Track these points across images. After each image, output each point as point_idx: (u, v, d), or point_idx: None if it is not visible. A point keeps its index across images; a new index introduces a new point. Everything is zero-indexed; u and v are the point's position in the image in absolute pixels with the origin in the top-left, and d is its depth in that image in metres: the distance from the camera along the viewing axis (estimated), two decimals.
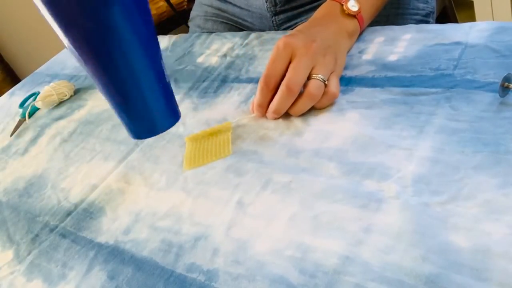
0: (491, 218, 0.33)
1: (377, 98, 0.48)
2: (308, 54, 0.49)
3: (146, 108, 0.39)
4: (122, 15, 0.34)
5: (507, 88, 0.41)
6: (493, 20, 1.05)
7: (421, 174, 0.39)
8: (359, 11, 0.55)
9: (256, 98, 0.51)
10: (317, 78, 0.48)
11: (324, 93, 0.49)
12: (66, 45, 0.35)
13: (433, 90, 0.46)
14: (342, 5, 0.55)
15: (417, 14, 0.73)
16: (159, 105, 0.40)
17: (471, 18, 1.40)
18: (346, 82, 0.52)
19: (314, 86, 0.48)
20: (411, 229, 0.35)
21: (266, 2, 0.75)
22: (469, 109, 0.43)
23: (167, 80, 0.40)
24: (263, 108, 0.51)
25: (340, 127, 0.47)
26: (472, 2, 1.35)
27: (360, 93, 0.50)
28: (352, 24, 0.55)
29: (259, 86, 0.50)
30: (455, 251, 0.32)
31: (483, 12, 1.33)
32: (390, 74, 0.51)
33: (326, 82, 0.49)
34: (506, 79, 0.41)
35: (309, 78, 0.49)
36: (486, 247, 0.32)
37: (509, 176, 0.36)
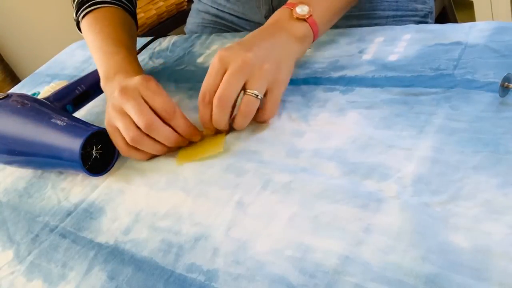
0: (491, 218, 0.33)
1: (377, 98, 0.48)
2: (240, 67, 0.46)
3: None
4: None
5: (507, 88, 0.41)
6: (493, 20, 1.05)
7: (421, 174, 0.39)
8: (309, 15, 0.51)
9: (199, 116, 0.50)
10: (251, 94, 0.47)
11: (260, 111, 0.49)
12: None
13: (433, 90, 0.46)
14: (292, 10, 0.52)
15: (415, 15, 0.72)
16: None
17: (471, 18, 1.40)
18: (346, 82, 0.52)
19: (247, 103, 0.47)
20: (411, 229, 0.35)
21: (259, 7, 0.75)
22: (469, 109, 0.43)
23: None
24: (207, 123, 0.50)
25: (340, 127, 0.47)
26: (472, 2, 1.35)
27: (360, 93, 0.50)
28: (302, 28, 0.52)
29: (198, 103, 0.49)
30: (455, 251, 0.32)
31: (483, 12, 1.34)
32: (390, 74, 0.51)
33: (260, 97, 0.47)
34: (506, 79, 0.41)
35: (244, 91, 0.48)
36: (486, 247, 0.32)
37: (509, 176, 0.36)
